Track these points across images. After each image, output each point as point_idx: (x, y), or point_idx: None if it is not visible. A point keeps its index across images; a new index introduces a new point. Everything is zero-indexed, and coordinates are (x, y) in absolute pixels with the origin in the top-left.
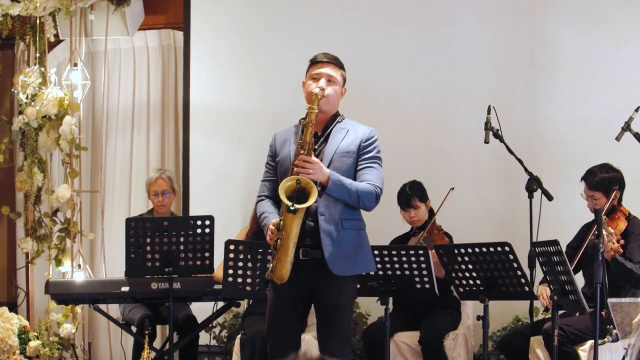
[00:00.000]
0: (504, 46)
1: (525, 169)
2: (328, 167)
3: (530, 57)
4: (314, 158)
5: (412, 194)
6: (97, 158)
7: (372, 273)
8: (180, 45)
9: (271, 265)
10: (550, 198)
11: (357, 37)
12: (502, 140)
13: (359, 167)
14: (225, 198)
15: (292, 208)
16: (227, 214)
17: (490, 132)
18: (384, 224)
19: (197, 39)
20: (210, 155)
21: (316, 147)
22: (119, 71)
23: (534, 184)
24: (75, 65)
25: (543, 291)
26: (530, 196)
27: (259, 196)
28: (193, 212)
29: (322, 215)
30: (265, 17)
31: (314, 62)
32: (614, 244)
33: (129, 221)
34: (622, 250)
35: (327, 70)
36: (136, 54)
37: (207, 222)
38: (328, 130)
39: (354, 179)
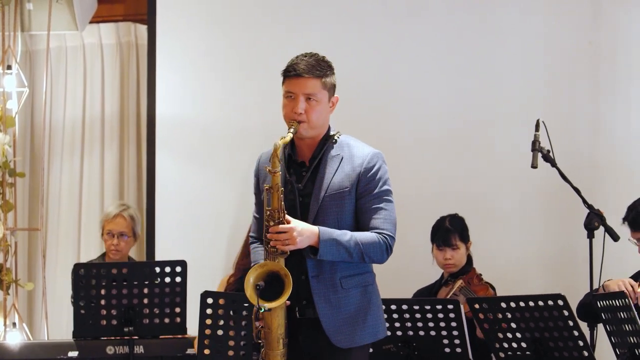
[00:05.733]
0: (557, 40)
1: (584, 201)
2: (317, 213)
3: (593, 55)
4: (286, 225)
5: (452, 230)
6: (37, 187)
7: (388, 333)
8: (144, 42)
9: (260, 357)
10: (616, 238)
11: (366, 33)
12: (554, 164)
13: (362, 210)
14: (202, 237)
15: (262, 311)
16: (204, 258)
17: (539, 154)
18: (407, 272)
19: (165, 35)
20: (182, 183)
21: (301, 185)
22: (65, 75)
23: (595, 220)
24: (9, 68)
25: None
26: (591, 235)
27: (251, 236)
28: (160, 255)
29: (313, 277)
30: (253, 9)
31: (287, 76)
32: None
33: (77, 267)
34: None
35: (305, 87)
36: (87, 53)
37: (178, 269)
38: (317, 159)
39: (352, 224)
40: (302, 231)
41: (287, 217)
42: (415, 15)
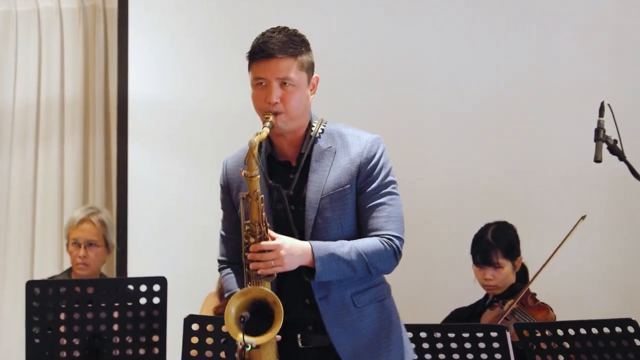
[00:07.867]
0: (624, 6)
1: None
2: (315, 221)
3: None
4: (271, 242)
5: (494, 245)
6: None
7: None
8: (113, 6)
9: None
10: None
11: (384, 5)
12: (622, 158)
13: (361, 208)
14: (183, 245)
15: (248, 349)
16: (188, 274)
17: (604, 145)
18: (443, 289)
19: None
20: (160, 180)
21: (290, 191)
22: (16, 47)
23: None
24: None
25: None
26: None
27: (219, 261)
28: (133, 270)
29: (321, 299)
30: None
31: (255, 58)
32: None
33: (31, 286)
34: None
35: (277, 70)
36: (43, 20)
37: (157, 288)
38: (305, 157)
39: (357, 222)
40: (291, 249)
41: (271, 232)
42: None
